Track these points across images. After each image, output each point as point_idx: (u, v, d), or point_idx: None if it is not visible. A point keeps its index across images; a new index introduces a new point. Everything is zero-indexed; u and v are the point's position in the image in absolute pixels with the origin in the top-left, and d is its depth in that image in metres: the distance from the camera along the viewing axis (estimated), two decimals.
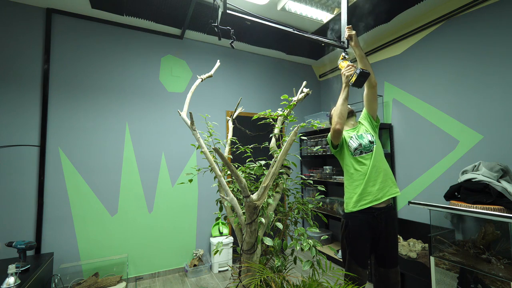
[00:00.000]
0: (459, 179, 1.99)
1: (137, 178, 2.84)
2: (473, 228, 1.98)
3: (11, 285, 1.63)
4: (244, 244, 1.31)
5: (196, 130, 1.46)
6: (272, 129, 1.70)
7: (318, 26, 2.95)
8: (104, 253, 2.64)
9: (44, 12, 2.52)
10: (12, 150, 2.33)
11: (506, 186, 1.72)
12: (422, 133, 2.66)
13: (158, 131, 2.99)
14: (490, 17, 2.17)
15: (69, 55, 2.61)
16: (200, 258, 2.98)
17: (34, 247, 2.04)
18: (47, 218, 2.42)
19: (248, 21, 1.25)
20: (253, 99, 3.63)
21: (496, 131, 2.10)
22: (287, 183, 1.62)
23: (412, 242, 2.34)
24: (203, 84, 3.24)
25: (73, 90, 2.61)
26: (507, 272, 1.61)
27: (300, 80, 3.98)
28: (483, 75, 2.21)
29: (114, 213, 2.71)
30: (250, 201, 1.16)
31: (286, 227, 1.62)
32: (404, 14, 2.68)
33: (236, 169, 1.29)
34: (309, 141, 3.79)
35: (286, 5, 2.52)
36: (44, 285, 2.11)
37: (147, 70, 2.97)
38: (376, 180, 1.56)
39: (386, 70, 3.06)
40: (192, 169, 3.07)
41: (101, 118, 2.71)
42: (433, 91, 2.57)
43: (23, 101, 2.41)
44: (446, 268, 1.87)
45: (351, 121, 1.80)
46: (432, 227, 2.02)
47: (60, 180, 2.50)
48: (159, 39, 3.06)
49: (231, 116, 1.92)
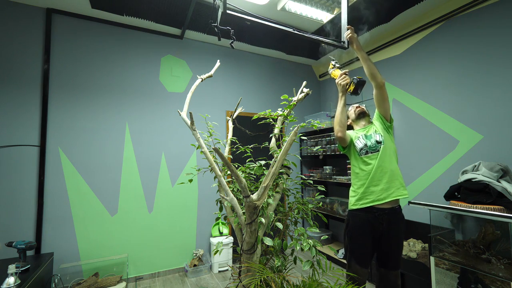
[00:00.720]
0: (459, 179, 1.99)
1: (137, 178, 2.84)
2: (473, 228, 1.99)
3: (11, 285, 1.63)
4: (244, 244, 1.31)
5: (196, 130, 1.46)
6: (272, 129, 1.70)
7: (318, 26, 2.95)
8: (104, 253, 2.64)
9: (44, 12, 2.52)
10: (12, 150, 2.33)
11: (506, 186, 1.72)
12: (422, 133, 2.66)
13: (158, 131, 2.99)
14: (490, 17, 2.17)
15: (69, 55, 2.61)
16: (200, 258, 2.98)
17: (34, 247, 2.04)
18: (47, 218, 2.42)
19: (248, 21, 1.25)
20: (253, 99, 3.63)
21: (496, 131, 2.10)
22: (287, 183, 1.62)
23: (412, 242, 2.34)
24: (203, 84, 3.24)
25: (73, 90, 2.61)
26: (507, 272, 1.60)
27: (300, 80, 3.98)
28: (483, 75, 2.20)
29: (114, 213, 2.71)
30: (250, 201, 1.16)
31: (286, 227, 1.62)
32: (404, 14, 2.68)
33: (236, 169, 1.29)
34: (309, 141, 3.79)
35: (286, 5, 2.52)
36: (44, 285, 2.11)
37: (147, 70, 2.97)
38: (380, 180, 1.56)
39: (386, 70, 3.06)
40: (192, 169, 3.07)
41: (101, 118, 2.71)
42: (433, 91, 2.57)
43: (23, 101, 2.41)
44: (446, 268, 1.87)
45: (363, 122, 1.79)
46: (432, 227, 2.02)
47: (60, 180, 2.50)
48: (159, 39, 3.06)
49: (231, 116, 1.92)
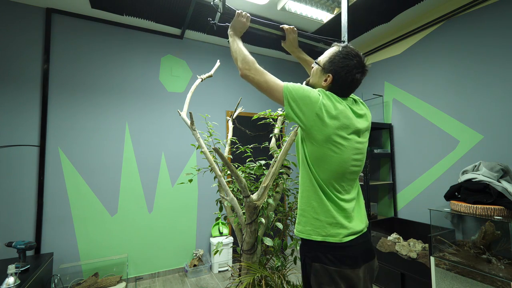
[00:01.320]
0: (459, 179, 1.99)
1: (137, 178, 2.84)
2: (473, 228, 1.99)
3: (11, 285, 1.62)
4: (244, 244, 1.31)
5: (196, 130, 1.46)
6: (272, 129, 1.70)
7: (318, 26, 2.95)
8: (104, 253, 2.63)
9: (44, 12, 2.52)
10: (12, 150, 2.33)
11: (507, 186, 1.72)
12: (422, 133, 2.66)
13: (158, 131, 2.99)
14: (490, 17, 2.17)
15: (69, 55, 2.61)
16: (200, 258, 2.97)
17: (34, 247, 2.04)
18: (47, 218, 2.42)
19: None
20: (253, 99, 3.63)
21: (496, 131, 2.10)
22: (287, 183, 1.62)
23: (412, 242, 2.34)
24: (203, 84, 3.24)
25: (73, 90, 2.60)
26: (507, 272, 1.60)
27: (300, 79, 3.95)
28: (483, 75, 2.20)
29: (114, 213, 2.70)
30: (250, 201, 1.16)
31: (286, 227, 1.62)
32: (404, 14, 2.68)
33: (236, 169, 1.28)
34: None
35: (286, 5, 2.52)
36: (44, 285, 2.11)
37: (147, 70, 2.97)
38: None
39: (386, 70, 3.06)
40: (192, 169, 3.07)
41: (101, 118, 2.71)
42: (433, 91, 2.57)
43: (23, 101, 2.40)
44: (446, 268, 1.87)
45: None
46: (432, 227, 2.01)
47: (60, 180, 2.50)
48: (159, 39, 3.06)
49: (231, 116, 1.92)
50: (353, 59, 0.93)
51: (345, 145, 0.89)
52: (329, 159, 0.89)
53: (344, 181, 0.93)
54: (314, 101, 0.86)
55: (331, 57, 0.96)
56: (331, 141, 0.88)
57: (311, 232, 0.92)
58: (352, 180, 0.96)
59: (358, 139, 0.93)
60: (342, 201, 0.92)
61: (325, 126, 0.86)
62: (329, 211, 0.90)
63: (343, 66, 0.92)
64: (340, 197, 0.92)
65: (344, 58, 0.93)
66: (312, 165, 0.92)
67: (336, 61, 0.94)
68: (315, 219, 0.92)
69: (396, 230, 2.71)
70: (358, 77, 0.94)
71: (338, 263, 0.87)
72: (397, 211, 2.88)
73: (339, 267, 0.86)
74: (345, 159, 0.90)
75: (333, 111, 0.87)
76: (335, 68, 0.94)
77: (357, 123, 0.92)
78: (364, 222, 0.99)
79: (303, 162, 0.96)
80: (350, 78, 0.93)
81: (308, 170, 0.93)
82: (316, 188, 0.92)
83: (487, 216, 1.70)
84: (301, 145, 0.95)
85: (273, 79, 0.93)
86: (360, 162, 0.97)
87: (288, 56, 3.85)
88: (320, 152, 0.89)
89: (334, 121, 0.87)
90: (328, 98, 0.90)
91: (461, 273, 1.80)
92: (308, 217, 0.94)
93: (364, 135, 0.97)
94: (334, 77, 0.94)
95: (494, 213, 1.69)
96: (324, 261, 0.88)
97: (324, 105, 0.87)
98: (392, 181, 2.92)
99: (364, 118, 0.97)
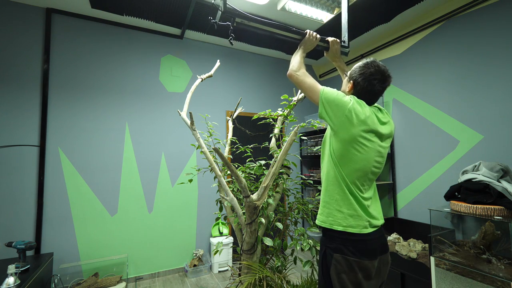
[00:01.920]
0: (459, 179, 1.99)
1: (137, 178, 2.84)
2: (473, 228, 1.98)
3: (11, 285, 1.62)
4: (244, 244, 1.31)
5: (196, 130, 1.46)
6: (272, 129, 1.70)
7: (318, 26, 2.95)
8: (104, 253, 2.63)
9: (43, 12, 2.52)
10: (12, 150, 2.33)
11: (507, 186, 1.72)
12: (422, 133, 2.66)
13: (158, 131, 2.99)
14: (490, 17, 2.17)
15: (69, 55, 2.61)
16: (200, 258, 2.97)
17: (34, 247, 2.04)
18: (47, 218, 2.42)
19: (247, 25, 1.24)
20: (253, 99, 3.63)
21: (496, 131, 2.10)
22: (287, 183, 1.62)
23: (412, 242, 2.34)
24: (203, 84, 3.24)
25: (73, 90, 2.60)
26: (507, 272, 1.60)
27: None
28: (483, 75, 2.20)
29: (114, 213, 2.70)
30: (250, 201, 1.16)
31: (286, 227, 1.62)
32: (404, 14, 2.68)
33: (236, 169, 1.28)
34: (309, 141, 3.79)
35: (286, 5, 2.52)
36: (44, 285, 2.11)
37: (147, 70, 2.97)
38: None
39: None
40: (192, 169, 3.07)
41: (101, 118, 2.71)
42: (433, 91, 2.57)
43: (23, 101, 2.40)
44: (446, 268, 1.87)
45: None
46: (432, 227, 2.01)
47: (60, 180, 2.50)
48: (159, 39, 3.06)
49: (231, 116, 1.92)
50: (370, 68, 1.04)
51: (369, 146, 1.00)
52: (354, 157, 1.00)
53: (365, 181, 1.03)
54: (345, 105, 0.99)
55: (354, 68, 1.10)
56: (356, 141, 0.99)
57: (333, 223, 1.02)
58: (371, 181, 1.07)
59: (380, 143, 1.04)
60: (363, 199, 1.02)
61: (352, 127, 0.98)
62: (352, 204, 1.01)
63: (361, 74, 1.05)
64: (361, 194, 1.02)
65: (362, 67, 1.06)
66: (338, 162, 1.03)
67: (356, 70, 1.08)
68: (337, 211, 1.02)
69: (396, 230, 2.71)
70: (376, 83, 1.04)
71: (358, 255, 0.96)
72: (397, 211, 2.88)
73: (359, 258, 0.96)
74: (368, 159, 1.01)
75: (362, 115, 0.98)
76: (355, 76, 1.07)
77: (380, 129, 1.03)
78: (381, 218, 1.08)
79: (328, 158, 1.07)
80: (368, 84, 1.04)
81: (334, 166, 1.04)
82: (341, 183, 1.02)
83: (487, 216, 1.70)
84: (329, 142, 1.07)
85: (314, 82, 1.08)
86: (380, 164, 1.07)
87: (288, 56, 3.85)
88: (345, 150, 1.00)
89: (361, 124, 0.98)
90: (358, 103, 1.01)
91: (461, 273, 1.80)
92: (331, 208, 1.04)
93: (386, 141, 1.08)
94: (354, 83, 1.07)
95: (494, 213, 1.69)
96: (346, 252, 0.97)
97: (354, 109, 0.98)
98: (392, 181, 2.92)
99: (387, 125, 1.09)
